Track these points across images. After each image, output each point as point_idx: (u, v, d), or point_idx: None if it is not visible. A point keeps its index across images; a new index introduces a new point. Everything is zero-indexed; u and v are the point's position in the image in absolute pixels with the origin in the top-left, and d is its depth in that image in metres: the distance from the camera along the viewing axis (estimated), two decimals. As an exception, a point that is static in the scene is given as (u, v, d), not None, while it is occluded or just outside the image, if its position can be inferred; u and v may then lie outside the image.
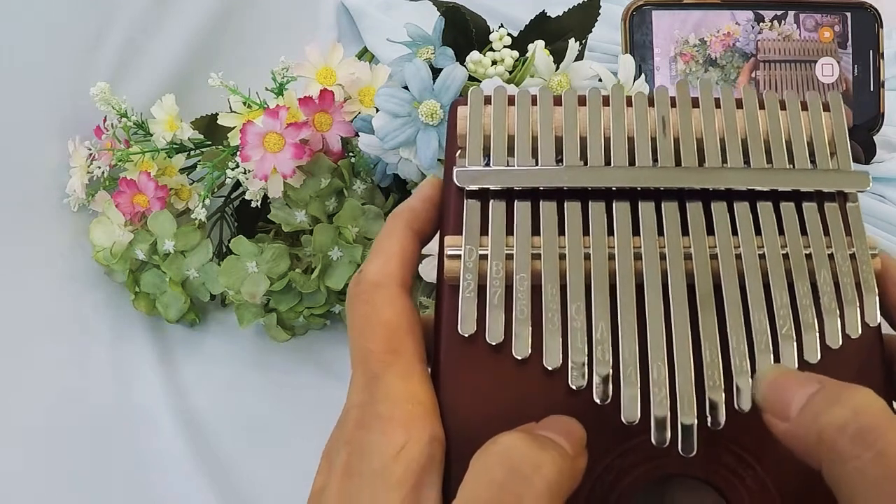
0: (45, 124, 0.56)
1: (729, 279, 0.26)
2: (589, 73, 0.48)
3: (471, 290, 0.26)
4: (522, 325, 0.26)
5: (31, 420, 0.47)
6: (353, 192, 0.51)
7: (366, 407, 0.25)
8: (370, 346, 0.26)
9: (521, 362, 0.26)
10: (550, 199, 0.28)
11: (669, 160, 0.28)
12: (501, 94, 0.29)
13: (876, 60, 0.66)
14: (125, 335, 0.52)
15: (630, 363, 0.25)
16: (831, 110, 0.30)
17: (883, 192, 0.64)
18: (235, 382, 0.51)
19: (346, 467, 0.25)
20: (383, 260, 0.28)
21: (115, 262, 0.52)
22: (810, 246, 0.27)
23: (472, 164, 0.28)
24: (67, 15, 0.59)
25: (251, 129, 0.48)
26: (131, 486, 0.44)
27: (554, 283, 0.26)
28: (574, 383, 0.25)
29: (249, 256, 0.49)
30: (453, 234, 0.28)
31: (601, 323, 0.26)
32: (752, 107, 0.29)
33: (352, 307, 0.27)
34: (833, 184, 0.28)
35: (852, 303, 0.27)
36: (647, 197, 0.28)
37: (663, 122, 0.29)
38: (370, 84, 0.52)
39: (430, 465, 0.24)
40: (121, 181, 0.52)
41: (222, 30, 0.67)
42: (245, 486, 0.45)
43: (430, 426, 0.25)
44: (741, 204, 0.28)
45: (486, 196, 0.28)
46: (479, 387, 0.26)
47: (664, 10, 0.66)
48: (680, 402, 0.25)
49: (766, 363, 0.25)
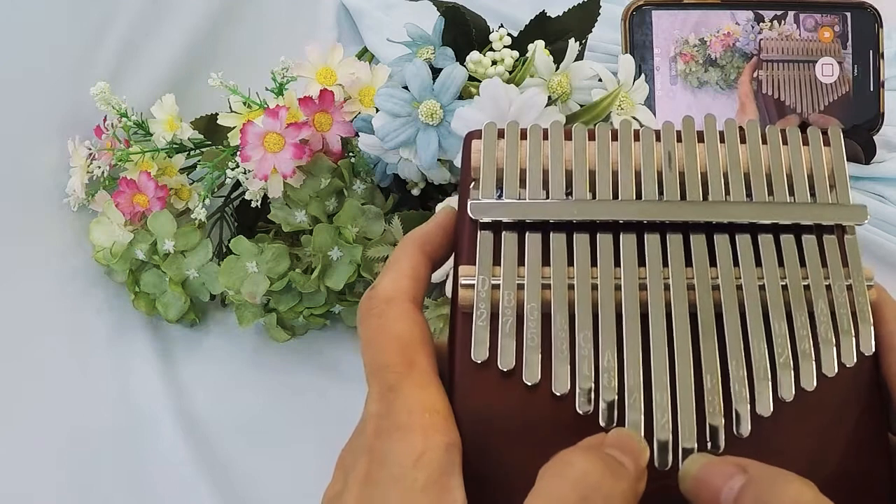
0: (45, 124, 0.56)
1: (730, 309, 0.28)
2: (589, 73, 0.48)
3: (483, 319, 0.28)
4: (533, 352, 0.27)
5: (31, 420, 0.47)
6: (353, 192, 0.51)
7: (383, 417, 0.26)
8: (384, 358, 0.27)
9: (531, 387, 0.27)
10: (560, 231, 0.29)
11: (675, 194, 0.29)
12: (514, 128, 0.30)
13: (876, 60, 0.66)
14: (125, 335, 0.52)
15: (635, 390, 0.26)
16: (831, 145, 0.31)
17: (883, 192, 0.64)
18: (235, 382, 0.51)
19: (367, 475, 0.25)
20: (395, 277, 0.29)
21: (115, 262, 0.52)
22: (808, 277, 0.28)
23: (485, 196, 0.29)
24: (67, 15, 0.59)
25: (251, 129, 0.48)
26: (131, 486, 0.44)
27: (563, 312, 0.27)
28: (581, 409, 0.26)
29: (249, 256, 0.49)
30: (467, 263, 0.29)
31: (607, 351, 0.27)
32: (754, 141, 0.30)
33: (364, 322, 0.28)
34: (832, 217, 0.29)
35: (848, 333, 0.28)
36: (652, 229, 0.29)
37: (669, 157, 0.30)
38: (370, 84, 0.52)
39: (450, 469, 0.25)
40: (121, 181, 0.52)
41: (222, 30, 0.67)
42: (245, 486, 0.45)
43: (447, 433, 0.25)
44: (743, 236, 0.29)
45: (498, 227, 0.29)
46: (492, 409, 0.27)
47: (664, 10, 0.66)
48: (681, 427, 0.26)
49: (693, 457, 0.26)
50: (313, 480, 0.45)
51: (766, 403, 0.26)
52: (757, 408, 0.26)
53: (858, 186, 0.65)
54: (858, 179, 0.65)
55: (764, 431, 0.27)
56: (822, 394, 0.27)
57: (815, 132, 0.31)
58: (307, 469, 0.46)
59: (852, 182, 0.63)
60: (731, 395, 0.26)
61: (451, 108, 0.45)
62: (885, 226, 0.61)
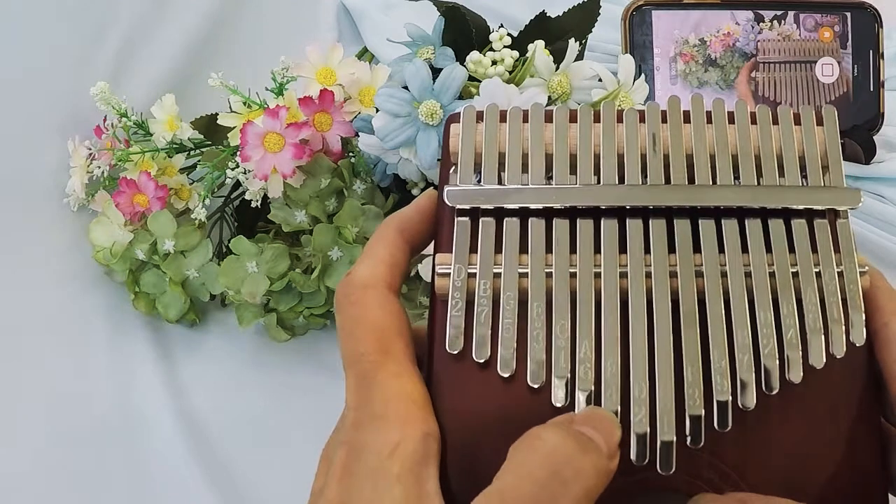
0: (45, 124, 0.56)
1: (713, 297, 0.26)
2: (589, 73, 0.48)
3: (459, 309, 0.27)
4: (507, 343, 0.26)
5: (31, 420, 0.47)
6: (353, 192, 0.51)
7: (360, 408, 0.26)
8: (360, 347, 0.26)
9: (506, 379, 0.26)
10: (539, 216, 0.28)
11: (659, 177, 0.28)
12: (493, 110, 0.29)
13: (876, 60, 0.66)
14: (125, 335, 0.52)
15: (612, 382, 0.26)
16: (825, 124, 0.29)
17: (883, 192, 0.64)
18: (235, 382, 0.51)
19: (344, 467, 0.25)
20: (372, 263, 0.28)
21: (115, 262, 0.52)
22: (797, 264, 0.27)
23: (463, 181, 0.28)
24: (67, 15, 0.59)
25: (251, 129, 0.48)
26: (131, 486, 0.44)
27: (540, 301, 0.27)
28: (556, 402, 0.26)
29: (249, 256, 0.49)
30: (445, 251, 0.28)
31: (585, 341, 0.26)
32: (743, 122, 0.29)
33: (341, 309, 0.28)
34: (825, 201, 0.28)
35: (838, 322, 0.26)
36: (635, 214, 0.28)
37: (654, 138, 0.29)
38: (370, 84, 0.52)
39: (426, 459, 0.24)
40: (121, 181, 0.52)
41: (222, 30, 0.67)
42: (245, 486, 0.45)
43: (423, 423, 0.25)
44: (729, 221, 0.28)
45: (476, 214, 0.28)
46: (469, 400, 0.26)
47: (664, 10, 0.66)
48: (660, 420, 0.25)
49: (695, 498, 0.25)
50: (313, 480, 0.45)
51: (750, 396, 0.25)
52: (740, 400, 0.25)
53: (858, 186, 0.64)
54: (858, 179, 0.65)
55: (749, 425, 0.26)
56: (810, 386, 0.26)
57: (807, 111, 0.29)
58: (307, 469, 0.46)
59: (852, 182, 0.64)
60: (712, 386, 0.25)
61: (451, 108, 0.45)
62: (886, 226, 0.61)
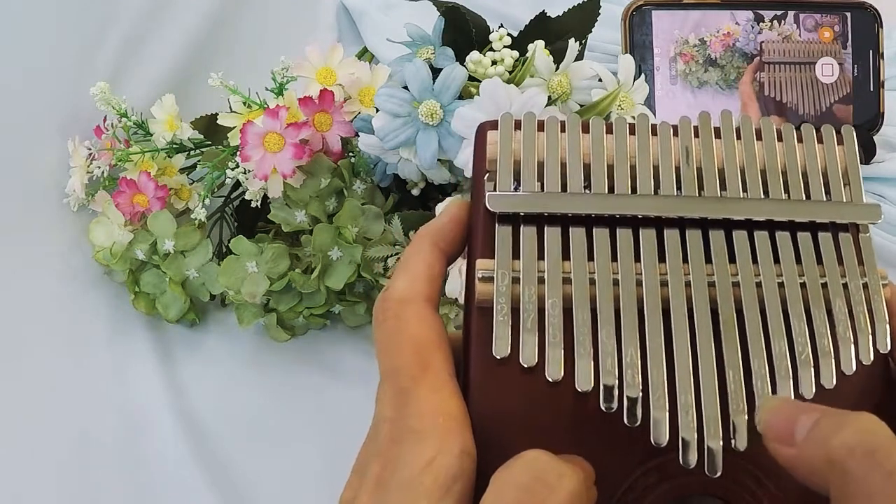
0: (45, 124, 0.56)
1: (750, 306, 0.27)
2: (589, 73, 0.48)
3: (504, 314, 0.27)
4: (555, 348, 0.27)
5: (31, 420, 0.47)
6: (353, 192, 0.51)
7: (396, 421, 0.26)
8: (399, 361, 0.26)
9: (552, 384, 0.26)
10: (579, 225, 0.28)
11: (692, 189, 0.29)
12: (531, 119, 0.30)
13: (876, 60, 0.66)
14: (125, 335, 0.52)
15: (659, 387, 0.26)
16: (844, 143, 0.31)
17: (883, 192, 0.64)
18: (235, 382, 0.51)
19: (378, 479, 0.25)
20: (410, 277, 0.28)
21: (115, 262, 0.52)
22: (826, 275, 0.28)
23: (501, 188, 0.29)
24: (67, 15, 0.59)
25: (251, 129, 0.48)
26: (131, 486, 0.44)
27: (585, 308, 0.27)
28: (605, 405, 0.26)
29: (249, 256, 0.49)
30: (482, 256, 0.28)
31: (630, 347, 0.26)
32: (770, 138, 0.30)
33: (378, 325, 0.28)
34: (847, 216, 0.29)
35: (865, 331, 0.28)
36: (671, 225, 0.28)
37: (687, 152, 0.30)
38: (370, 84, 0.52)
39: (460, 476, 0.24)
40: (121, 181, 0.52)
41: (222, 30, 0.67)
42: (245, 486, 0.45)
43: (460, 439, 0.25)
44: (760, 233, 0.29)
45: (516, 220, 0.28)
46: (510, 407, 0.27)
47: (664, 10, 0.66)
48: (706, 426, 0.25)
49: (768, 394, 0.26)
50: (313, 480, 0.45)
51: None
52: None
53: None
54: (858, 179, 0.65)
55: None
56: (840, 391, 0.27)
57: (828, 130, 0.31)
58: (307, 469, 0.46)
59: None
60: (753, 392, 0.26)
61: (451, 108, 0.45)
62: (886, 226, 0.61)
